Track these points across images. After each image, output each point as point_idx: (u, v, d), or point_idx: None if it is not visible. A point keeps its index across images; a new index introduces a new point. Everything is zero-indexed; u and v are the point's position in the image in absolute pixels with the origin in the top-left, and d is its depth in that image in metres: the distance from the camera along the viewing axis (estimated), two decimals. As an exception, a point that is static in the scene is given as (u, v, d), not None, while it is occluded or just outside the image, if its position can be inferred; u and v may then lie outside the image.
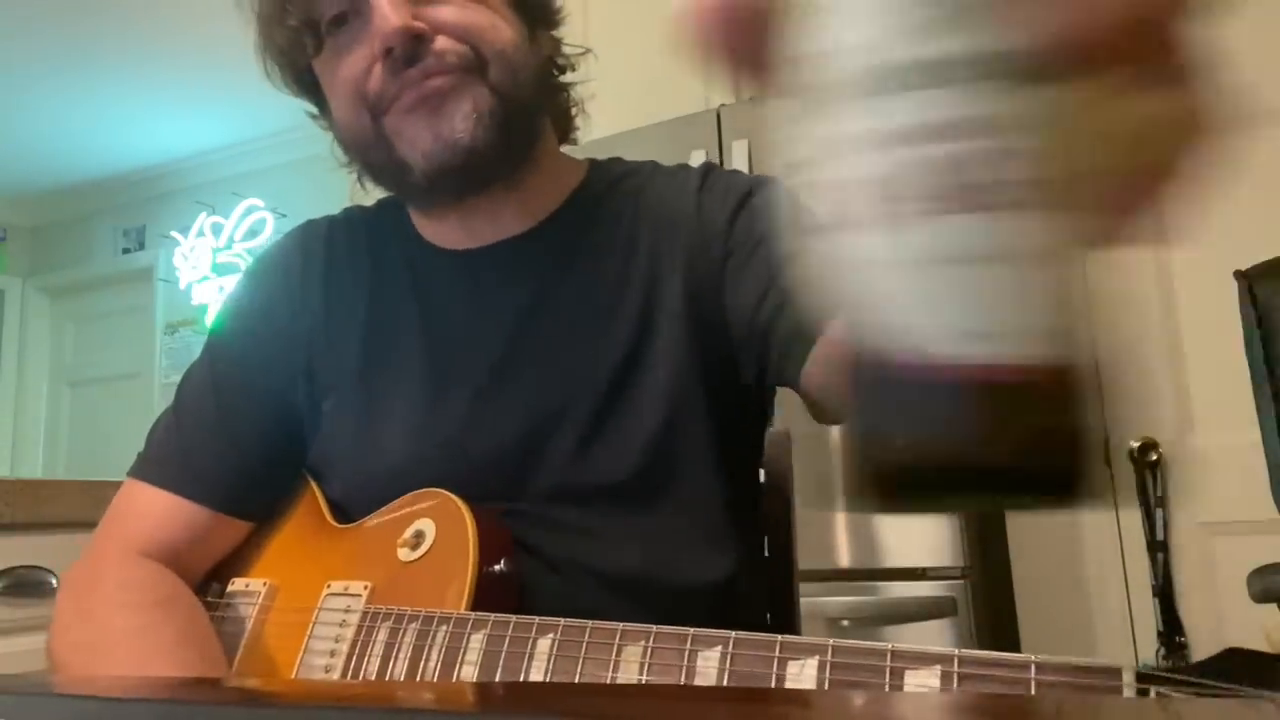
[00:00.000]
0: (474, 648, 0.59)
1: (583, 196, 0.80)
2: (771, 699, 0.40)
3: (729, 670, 0.49)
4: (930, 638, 1.71)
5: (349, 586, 0.69)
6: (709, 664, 0.50)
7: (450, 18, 0.69)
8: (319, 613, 0.70)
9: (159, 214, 4.59)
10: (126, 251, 4.71)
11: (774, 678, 0.48)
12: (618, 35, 2.03)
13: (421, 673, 0.60)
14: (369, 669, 0.63)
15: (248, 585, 0.77)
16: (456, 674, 0.58)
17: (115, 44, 3.47)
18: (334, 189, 1.41)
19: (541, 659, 0.55)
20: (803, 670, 0.47)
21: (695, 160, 0.97)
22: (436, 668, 0.59)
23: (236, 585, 0.77)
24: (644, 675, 0.52)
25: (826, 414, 0.67)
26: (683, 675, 0.50)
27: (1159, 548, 1.82)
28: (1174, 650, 1.75)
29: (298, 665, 0.68)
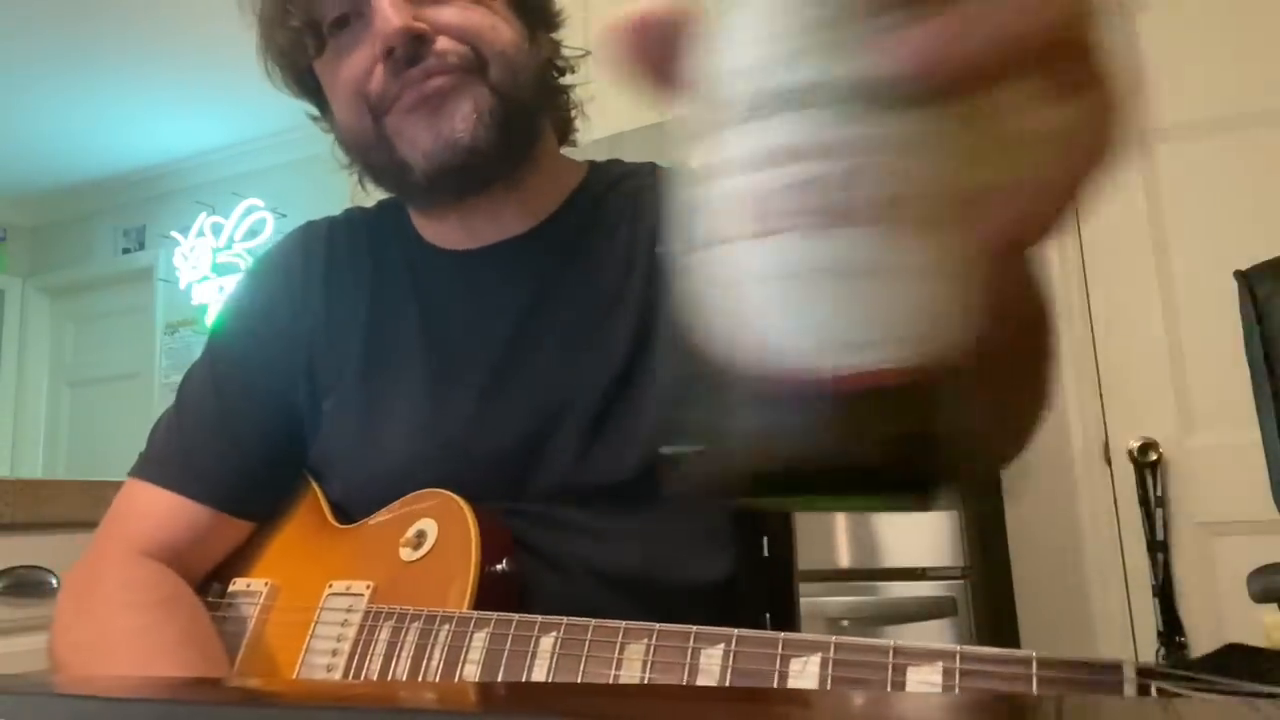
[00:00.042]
0: (476, 647, 0.59)
1: (582, 197, 0.80)
2: (772, 699, 0.40)
3: (732, 668, 0.49)
4: (930, 638, 1.71)
5: (351, 586, 0.69)
6: (712, 662, 0.50)
7: (451, 19, 0.70)
8: (321, 612, 0.70)
9: (159, 214, 4.58)
10: (126, 251, 4.70)
11: (777, 675, 0.48)
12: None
13: (424, 672, 0.60)
14: (371, 668, 0.63)
15: (249, 585, 0.76)
16: (459, 673, 0.58)
17: (115, 44, 3.47)
18: (334, 189, 1.41)
19: (544, 658, 0.55)
20: (805, 667, 0.47)
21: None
22: (439, 667, 0.59)
23: (238, 585, 0.77)
24: (647, 673, 0.52)
25: None
26: (685, 673, 0.50)
27: (1159, 548, 1.82)
28: (1174, 650, 1.75)
29: (299, 665, 0.68)
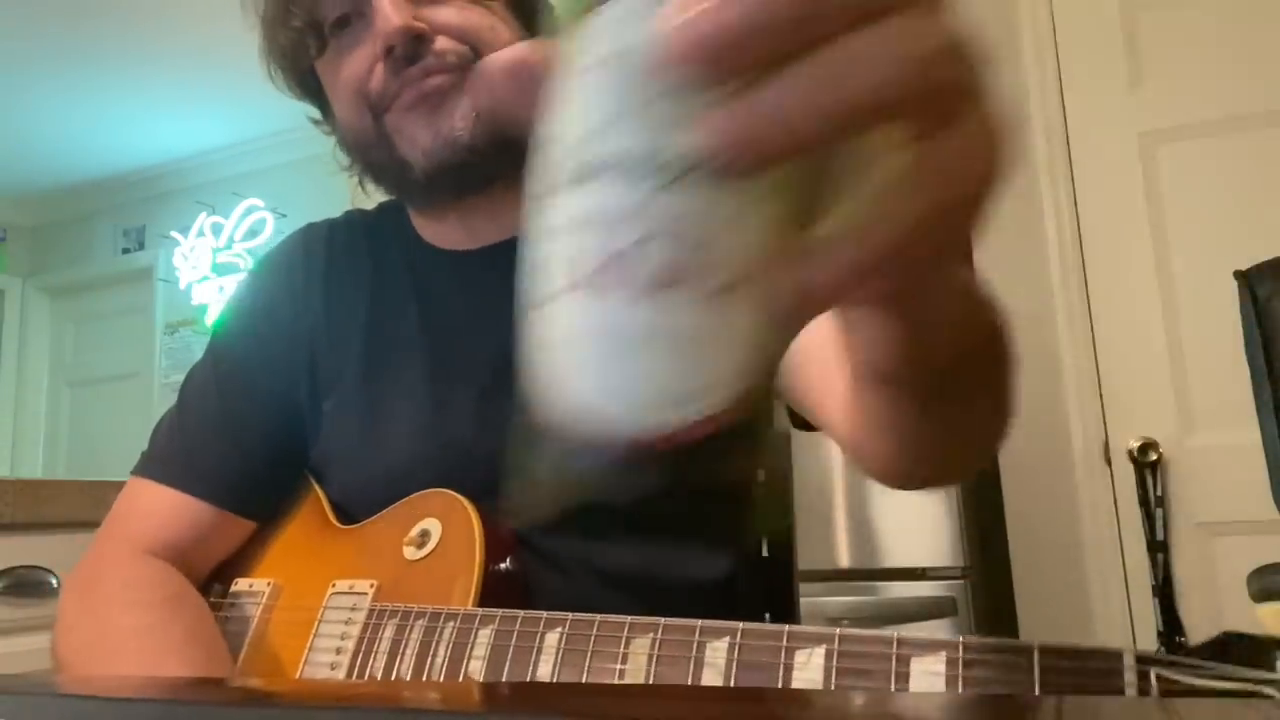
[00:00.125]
0: (482, 643, 0.59)
1: None
2: (772, 699, 0.40)
3: (737, 661, 0.49)
4: (930, 637, 1.72)
5: (354, 585, 0.69)
6: (717, 655, 0.50)
7: (450, 19, 0.70)
8: (324, 611, 0.70)
9: (159, 214, 4.58)
10: (126, 251, 4.70)
11: (782, 668, 0.48)
12: None
13: (429, 669, 0.60)
14: (375, 666, 0.63)
15: (251, 585, 0.76)
16: (464, 670, 0.58)
17: (115, 44, 3.47)
18: (334, 190, 1.41)
19: (550, 653, 0.55)
20: (810, 659, 0.47)
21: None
22: (444, 664, 0.59)
23: (240, 585, 0.77)
24: (653, 667, 0.52)
25: (796, 417, 0.68)
26: (691, 666, 0.51)
27: (1159, 548, 1.82)
28: (1174, 650, 1.75)
29: (303, 663, 0.68)
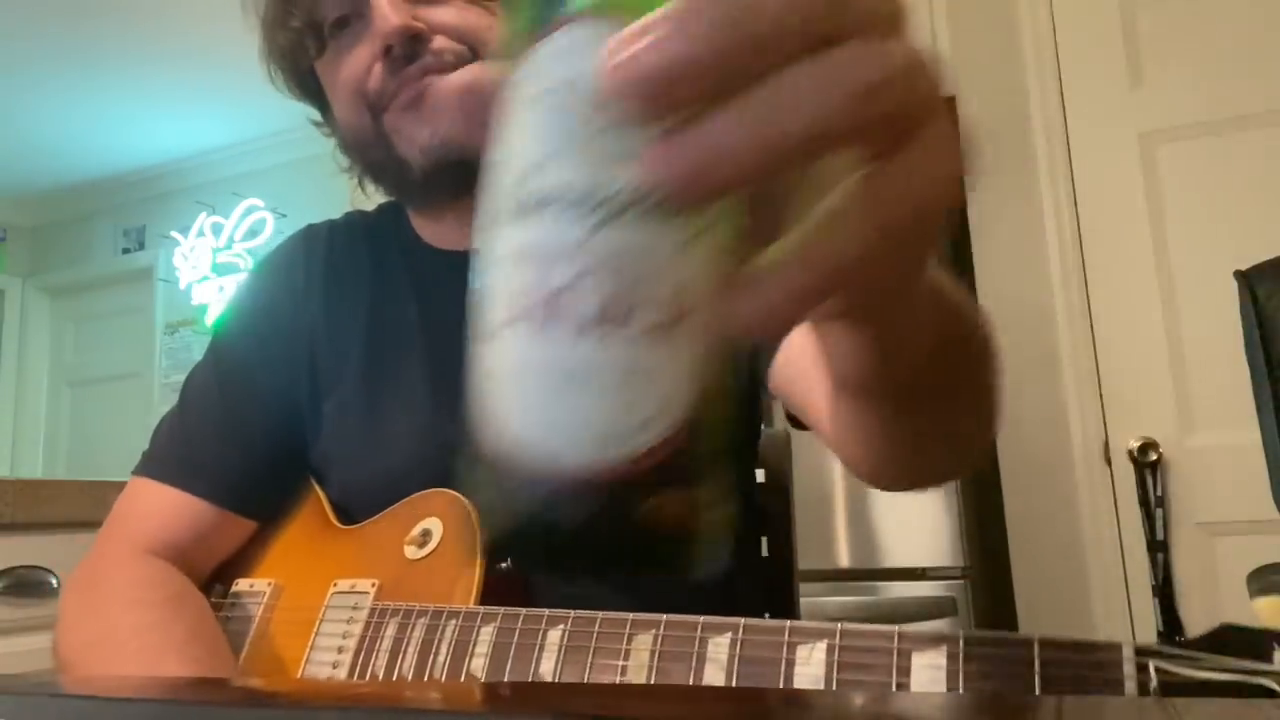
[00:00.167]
0: (484, 641, 0.59)
1: None
2: (771, 699, 0.40)
3: (739, 656, 0.50)
4: (930, 637, 1.72)
5: (356, 584, 0.69)
6: (720, 651, 0.50)
7: (448, 19, 0.70)
8: (326, 610, 0.70)
9: (159, 214, 4.58)
10: (126, 251, 4.70)
11: (784, 663, 0.48)
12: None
13: (431, 667, 0.60)
14: (377, 665, 0.63)
15: (252, 585, 0.76)
16: (466, 667, 0.58)
17: (115, 44, 3.47)
18: (334, 189, 1.41)
19: (552, 650, 0.55)
20: (812, 654, 0.47)
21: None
22: (446, 662, 0.59)
23: (241, 585, 0.77)
24: (655, 664, 0.52)
25: (793, 417, 0.68)
26: (694, 662, 0.51)
27: (1159, 548, 1.82)
28: (1174, 650, 1.75)
29: (304, 662, 0.68)
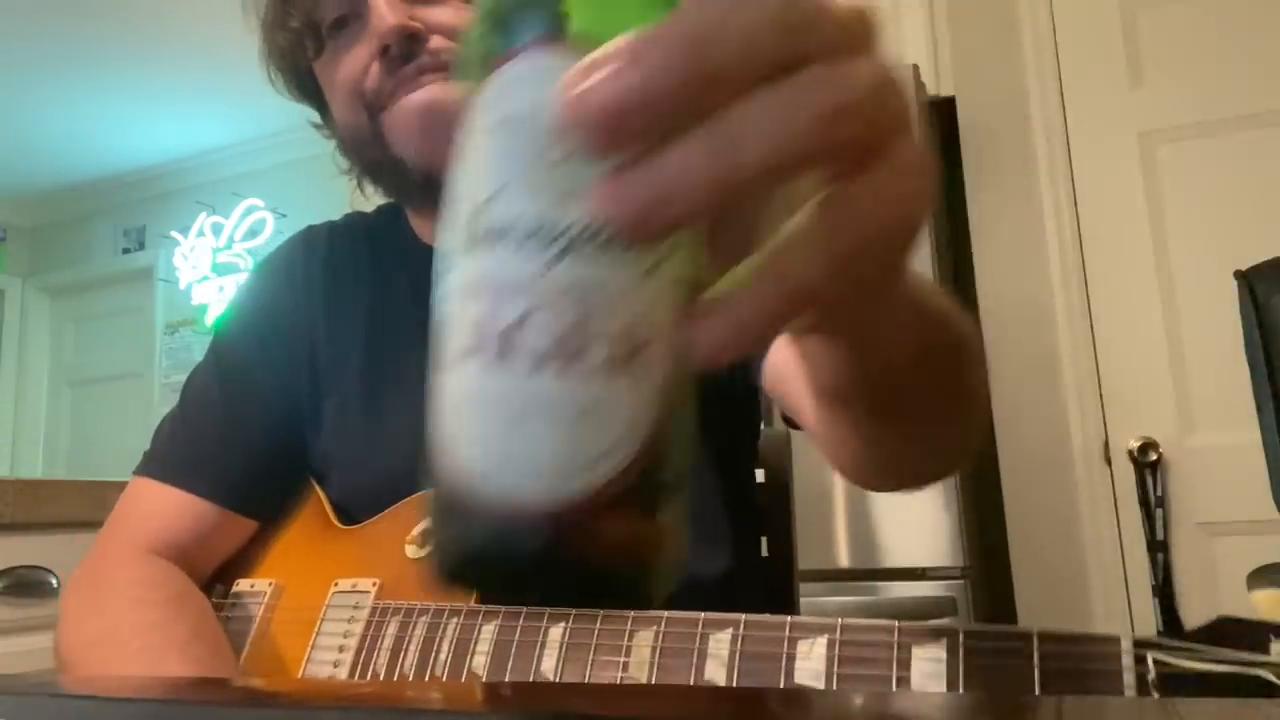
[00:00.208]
0: (485, 638, 0.59)
1: None
2: (770, 699, 0.40)
3: (740, 652, 0.50)
4: (930, 637, 1.72)
5: (357, 584, 0.69)
6: (720, 647, 0.50)
7: (445, 18, 0.71)
8: (327, 609, 0.70)
9: (159, 214, 4.58)
10: (126, 251, 4.70)
11: (785, 658, 0.48)
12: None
13: (432, 665, 0.60)
14: (378, 663, 0.63)
15: (253, 585, 0.76)
16: (467, 666, 0.59)
17: (115, 44, 3.47)
18: (334, 190, 1.41)
19: (554, 648, 0.55)
20: (812, 649, 0.47)
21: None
22: (447, 660, 0.59)
23: (241, 586, 0.77)
24: (656, 660, 0.52)
25: (787, 416, 0.68)
26: (694, 658, 0.51)
27: (1159, 548, 1.82)
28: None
29: (305, 662, 0.68)
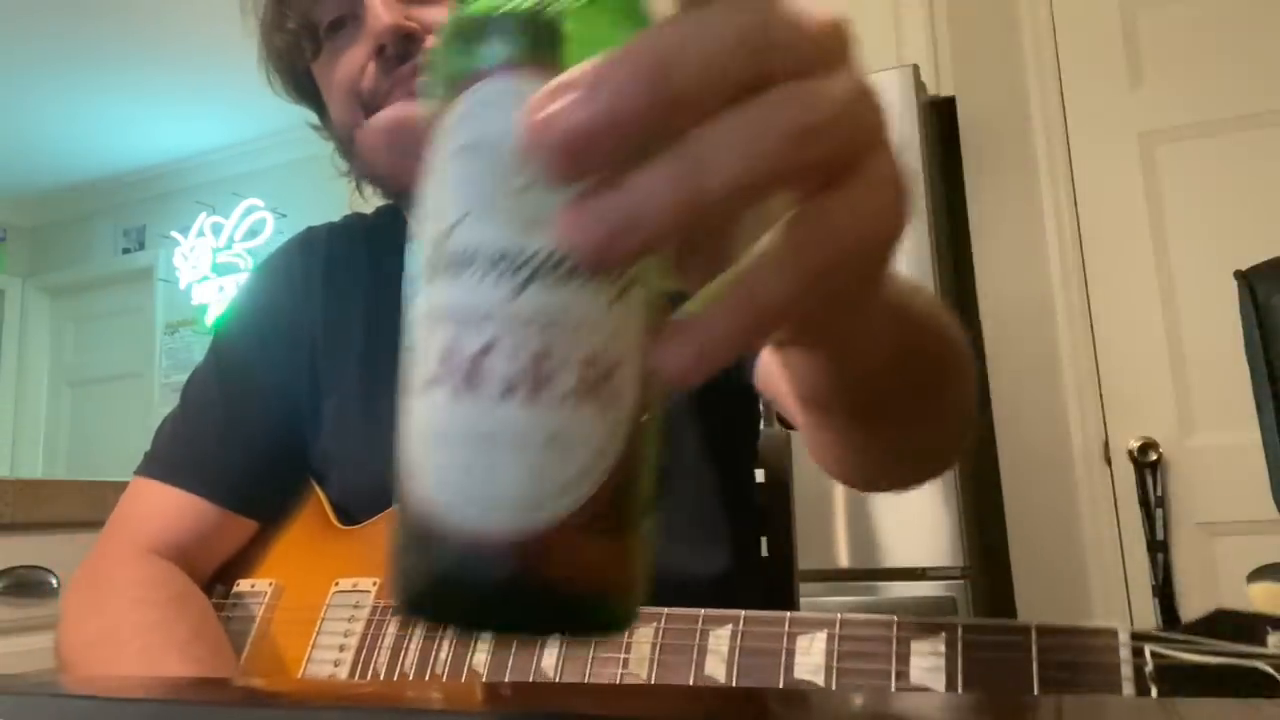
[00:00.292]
0: (485, 636, 0.59)
1: None
2: (769, 699, 0.41)
3: (740, 647, 0.50)
4: (930, 637, 1.72)
5: (357, 583, 0.69)
6: (720, 642, 0.50)
7: (441, 18, 0.70)
8: (327, 609, 0.70)
9: (159, 214, 4.58)
10: (126, 251, 4.70)
11: (784, 653, 0.48)
12: None
13: (433, 664, 0.60)
14: (379, 663, 0.63)
15: (253, 586, 0.77)
16: (468, 664, 0.58)
17: (115, 44, 3.47)
18: (334, 190, 1.41)
19: (553, 645, 0.55)
20: (812, 644, 0.47)
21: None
22: (448, 659, 0.59)
23: (242, 586, 0.77)
24: (656, 656, 0.52)
25: (781, 417, 0.68)
26: (694, 654, 0.51)
27: (1159, 548, 1.82)
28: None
29: (306, 662, 0.68)
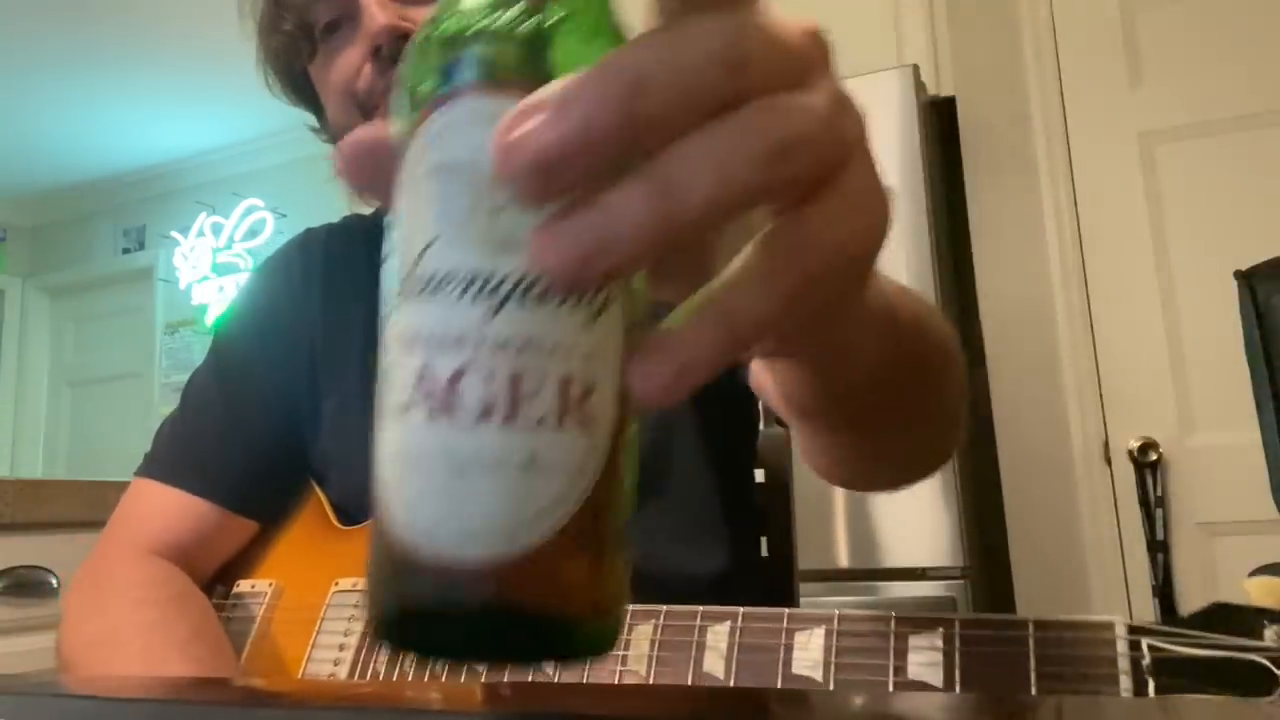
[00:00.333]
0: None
1: None
2: (767, 699, 0.41)
3: (739, 644, 0.50)
4: (930, 637, 1.72)
5: (357, 584, 0.69)
6: (719, 639, 0.50)
7: None
8: (327, 609, 0.70)
9: (159, 214, 4.58)
10: (126, 251, 4.70)
11: (782, 648, 0.48)
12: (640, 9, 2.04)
13: (431, 664, 0.60)
14: (378, 663, 0.63)
15: (253, 586, 0.77)
16: (467, 663, 0.58)
17: (115, 44, 3.47)
18: (334, 190, 1.41)
19: None
20: (810, 640, 0.47)
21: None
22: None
23: (242, 587, 0.77)
24: (655, 653, 0.52)
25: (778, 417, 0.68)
26: (693, 650, 0.51)
27: (1159, 548, 1.82)
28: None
29: (305, 662, 0.68)
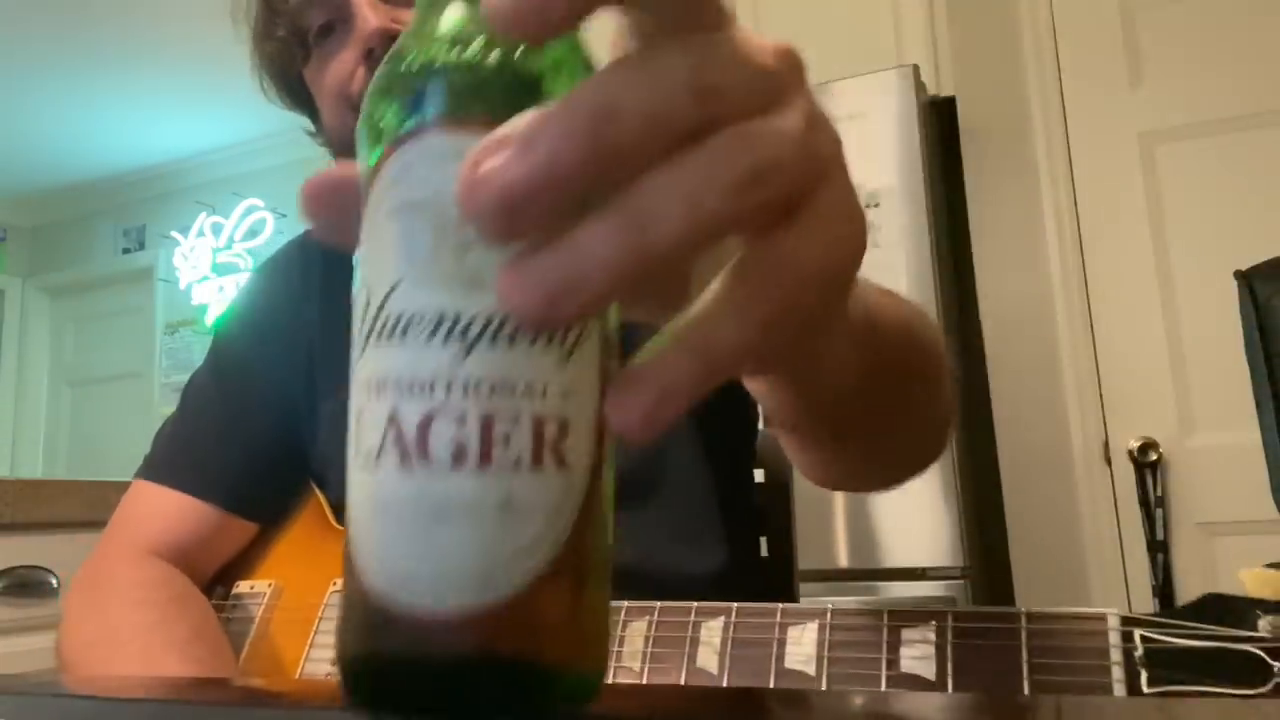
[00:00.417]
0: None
1: None
2: (766, 698, 0.41)
3: (732, 639, 0.50)
4: (930, 637, 1.72)
5: (355, 584, 0.70)
6: (713, 634, 0.50)
7: None
8: (325, 609, 0.70)
9: (159, 214, 4.58)
10: (126, 251, 4.70)
11: (775, 643, 0.48)
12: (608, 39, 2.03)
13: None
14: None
15: (253, 587, 0.77)
16: None
17: (115, 44, 3.47)
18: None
19: None
20: (804, 634, 0.47)
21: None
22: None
23: (241, 587, 0.78)
24: (649, 649, 0.52)
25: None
26: (687, 645, 0.51)
27: (1159, 548, 1.82)
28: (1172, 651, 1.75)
29: (303, 662, 0.68)
